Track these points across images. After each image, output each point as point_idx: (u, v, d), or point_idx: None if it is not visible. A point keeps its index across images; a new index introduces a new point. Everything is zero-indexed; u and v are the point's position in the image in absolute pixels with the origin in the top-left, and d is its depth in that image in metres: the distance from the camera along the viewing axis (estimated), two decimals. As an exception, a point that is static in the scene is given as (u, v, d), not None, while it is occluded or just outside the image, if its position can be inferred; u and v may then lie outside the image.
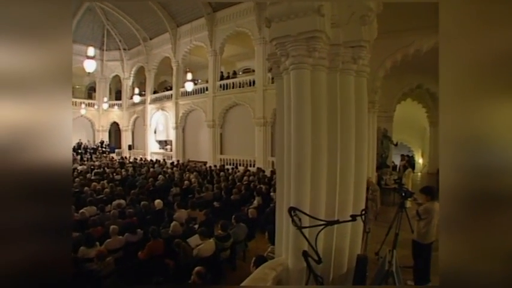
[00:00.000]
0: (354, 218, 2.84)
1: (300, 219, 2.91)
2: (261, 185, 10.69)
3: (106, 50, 25.19)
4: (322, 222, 2.83)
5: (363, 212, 3.09)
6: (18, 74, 1.48)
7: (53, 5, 1.57)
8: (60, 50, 1.60)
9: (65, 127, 1.65)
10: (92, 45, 21.15)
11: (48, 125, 1.58)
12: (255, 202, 8.86)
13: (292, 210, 2.92)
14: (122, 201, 8.84)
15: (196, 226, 6.96)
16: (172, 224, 6.25)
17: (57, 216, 1.61)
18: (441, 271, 1.63)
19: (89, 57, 9.21)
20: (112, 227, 6.04)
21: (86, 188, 10.25)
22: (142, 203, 7.97)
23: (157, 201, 8.20)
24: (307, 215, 2.95)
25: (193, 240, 5.72)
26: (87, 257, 5.27)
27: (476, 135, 1.55)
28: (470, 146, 1.57)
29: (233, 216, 6.54)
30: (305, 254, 2.87)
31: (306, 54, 3.03)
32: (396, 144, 12.81)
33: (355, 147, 3.39)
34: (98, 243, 5.67)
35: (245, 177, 12.02)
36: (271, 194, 9.52)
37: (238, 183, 11.05)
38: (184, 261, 5.18)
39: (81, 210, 7.57)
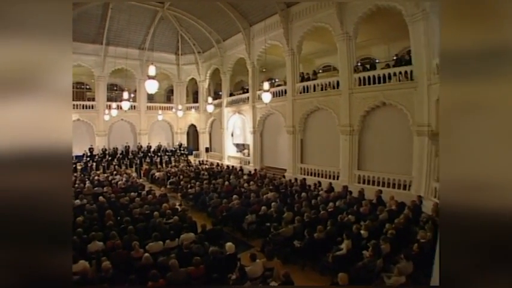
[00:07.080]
0: None
1: None
2: (349, 216, 8.92)
3: (181, 55, 25.43)
4: None
5: None
6: (18, 72, 1.57)
7: (53, 4, 1.71)
8: (60, 49, 1.70)
9: (64, 127, 1.77)
10: (167, 51, 21.06)
11: (48, 125, 1.70)
12: (343, 247, 7.27)
13: None
14: (191, 235, 7.96)
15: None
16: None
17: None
18: (441, 271, 1.59)
19: (150, 77, 7.86)
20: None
21: (155, 213, 9.54)
22: (211, 249, 6.82)
23: (229, 245, 7.04)
24: None
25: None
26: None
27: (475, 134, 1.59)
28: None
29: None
30: None
31: None
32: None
33: None
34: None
35: (330, 203, 10.23)
36: (362, 232, 7.76)
37: (322, 212, 9.38)
38: None
39: (145, 254, 6.68)
